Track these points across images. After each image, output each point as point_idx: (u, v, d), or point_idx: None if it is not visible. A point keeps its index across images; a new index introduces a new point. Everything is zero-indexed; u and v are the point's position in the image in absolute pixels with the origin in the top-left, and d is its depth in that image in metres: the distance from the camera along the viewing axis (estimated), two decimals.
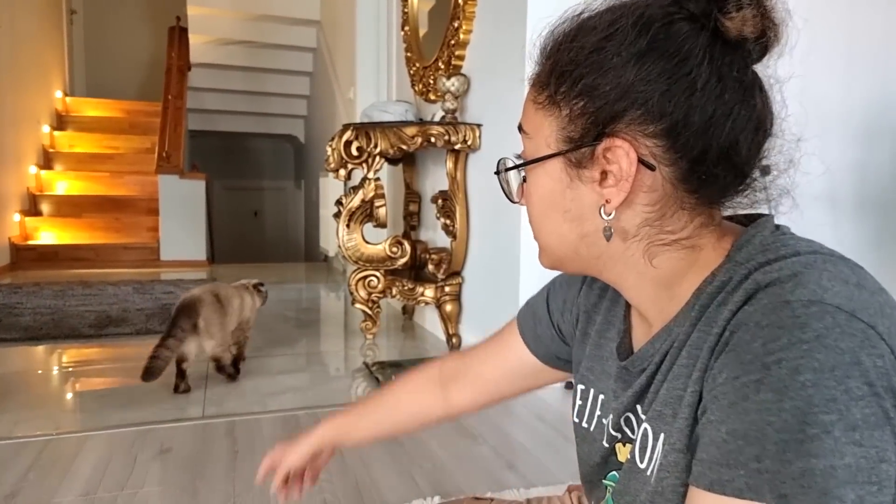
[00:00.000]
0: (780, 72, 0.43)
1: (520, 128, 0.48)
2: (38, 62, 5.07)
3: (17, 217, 4.36)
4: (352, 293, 2.40)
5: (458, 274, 2.25)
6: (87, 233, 4.59)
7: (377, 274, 2.39)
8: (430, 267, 2.33)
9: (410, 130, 2.13)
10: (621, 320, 0.52)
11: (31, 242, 4.40)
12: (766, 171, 0.45)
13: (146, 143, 5.46)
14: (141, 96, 6.56)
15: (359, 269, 2.39)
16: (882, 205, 1.90)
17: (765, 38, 0.41)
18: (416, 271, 2.69)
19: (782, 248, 0.40)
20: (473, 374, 0.65)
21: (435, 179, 2.55)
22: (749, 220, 0.45)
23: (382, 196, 2.31)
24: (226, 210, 7.34)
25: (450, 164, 2.17)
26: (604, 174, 0.42)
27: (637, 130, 0.41)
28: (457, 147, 2.08)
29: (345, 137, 2.29)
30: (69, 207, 4.74)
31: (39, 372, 1.91)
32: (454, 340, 2.23)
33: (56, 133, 5.26)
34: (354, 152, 2.30)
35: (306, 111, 6.37)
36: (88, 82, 6.47)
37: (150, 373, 1.60)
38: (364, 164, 2.32)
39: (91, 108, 5.78)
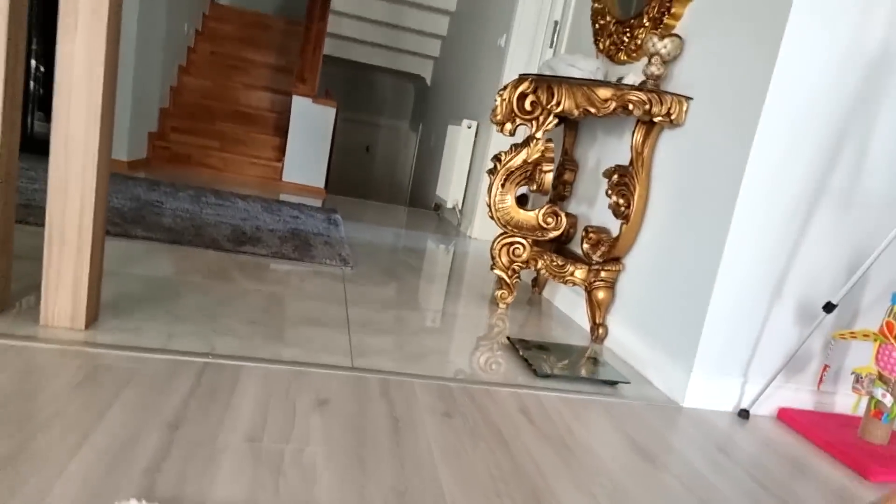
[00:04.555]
0: None
1: None
2: None
3: (156, 114, 4.47)
4: (493, 258, 2.24)
5: (618, 260, 2.04)
6: (218, 141, 4.67)
7: (524, 242, 2.21)
8: (585, 246, 2.12)
9: (604, 92, 1.89)
10: None
11: (166, 142, 4.52)
12: None
13: (281, 60, 5.47)
14: (281, 11, 6.57)
15: (505, 234, 2.22)
16: None
17: None
18: (558, 245, 2.49)
19: None
20: None
21: (602, 150, 2.31)
22: None
23: (551, 160, 2.10)
24: (340, 140, 7.36)
25: (638, 137, 1.93)
26: None
27: None
28: (656, 119, 1.83)
29: (520, 89, 2.09)
30: (204, 112, 4.83)
31: (186, 281, 1.89)
32: (600, 331, 2.03)
33: (199, 37, 5.34)
34: (528, 107, 2.10)
35: (438, 52, 6.17)
36: None
37: None
38: (534, 122, 2.11)
39: (234, 17, 5.82)
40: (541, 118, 2.10)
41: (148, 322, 1.48)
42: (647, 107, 1.81)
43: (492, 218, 2.22)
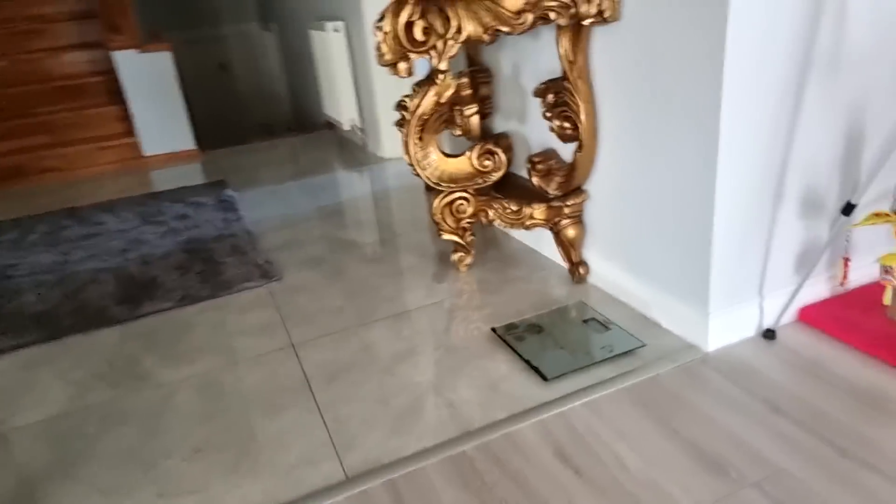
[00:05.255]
0: None
1: None
2: None
3: None
4: (437, 223, 1.92)
5: (580, 190, 1.76)
6: (48, 135, 3.84)
7: (466, 195, 1.89)
8: (535, 179, 1.82)
9: (513, 4, 1.47)
10: None
11: None
12: None
13: (80, 3, 4.41)
14: None
15: (441, 192, 1.88)
16: None
17: None
18: (501, 178, 2.17)
19: None
20: None
21: (516, 53, 1.91)
22: None
23: (471, 98, 1.71)
24: (188, 70, 6.33)
25: (565, 46, 1.55)
26: None
27: None
28: (585, 21, 1.45)
29: (403, 16, 1.63)
30: (15, 104, 3.91)
31: (91, 405, 1.50)
32: (581, 271, 1.81)
33: None
34: (420, 36, 1.65)
35: None
36: None
37: None
38: (432, 52, 1.68)
39: None
40: (439, 46, 1.67)
41: None
42: (573, 10, 1.43)
43: (418, 176, 1.86)
